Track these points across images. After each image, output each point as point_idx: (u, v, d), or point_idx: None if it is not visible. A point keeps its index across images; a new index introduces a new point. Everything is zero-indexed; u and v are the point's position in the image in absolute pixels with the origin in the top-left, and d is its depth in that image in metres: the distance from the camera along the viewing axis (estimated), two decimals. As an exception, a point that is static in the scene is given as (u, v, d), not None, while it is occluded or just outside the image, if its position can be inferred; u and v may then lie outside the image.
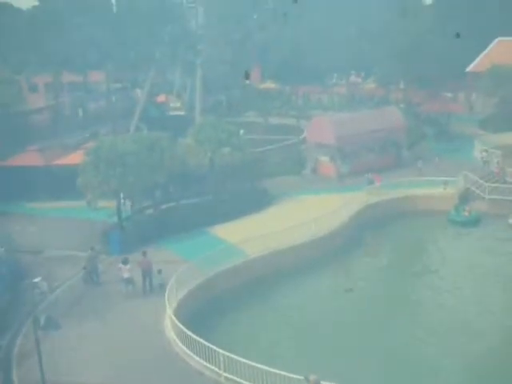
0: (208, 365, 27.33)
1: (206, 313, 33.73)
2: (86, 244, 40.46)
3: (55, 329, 28.01)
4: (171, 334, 30.33)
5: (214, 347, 26.89)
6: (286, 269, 39.31)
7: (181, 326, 28.95)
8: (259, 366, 25.44)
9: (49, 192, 52.69)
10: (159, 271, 36.08)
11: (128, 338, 30.74)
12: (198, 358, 27.84)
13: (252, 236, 40.07)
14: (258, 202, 49.69)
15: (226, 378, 26.65)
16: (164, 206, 48.08)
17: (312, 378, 24.33)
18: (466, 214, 48.13)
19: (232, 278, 37.65)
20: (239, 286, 37.31)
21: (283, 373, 24.90)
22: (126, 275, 35.46)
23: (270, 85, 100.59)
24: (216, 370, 27.02)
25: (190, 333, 28.12)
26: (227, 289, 36.65)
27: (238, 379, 26.26)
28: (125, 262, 35.67)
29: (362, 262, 42.92)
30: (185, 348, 28.70)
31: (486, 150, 57.47)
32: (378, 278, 40.67)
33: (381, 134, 58.90)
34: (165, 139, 46.04)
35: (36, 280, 26.40)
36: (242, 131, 55.02)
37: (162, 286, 34.38)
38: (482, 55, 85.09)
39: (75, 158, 50.14)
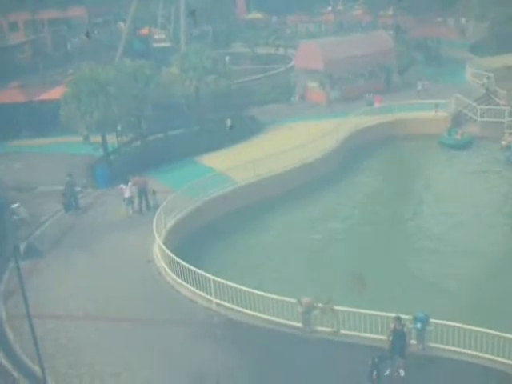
0: (199, 292, 26.78)
1: (195, 242, 33.12)
2: (76, 177, 39.91)
3: (36, 256, 27.40)
4: (161, 263, 29.71)
5: (204, 273, 26.32)
6: (275, 195, 38.66)
7: (170, 254, 28.32)
8: (251, 290, 24.93)
9: (33, 129, 51.63)
10: (153, 192, 36.53)
11: (117, 269, 30.12)
12: (188, 286, 27.29)
13: (241, 163, 39.28)
14: (247, 130, 48.68)
15: (218, 304, 26.14)
16: (151, 138, 46.90)
17: (305, 300, 23.92)
18: (458, 136, 47.39)
19: (221, 205, 36.95)
20: (229, 213, 36.53)
21: (276, 296, 24.43)
22: (126, 194, 36.32)
23: (256, 15, 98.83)
24: (207, 296, 26.49)
25: (178, 259, 27.50)
26: (217, 217, 35.95)
27: (230, 305, 25.78)
28: (126, 182, 36.47)
29: (351, 186, 42.17)
30: (175, 276, 28.13)
31: (488, 77, 55.62)
32: (368, 201, 40.01)
33: (370, 59, 57.61)
34: (148, 67, 44.84)
35: (14, 206, 25.65)
36: (227, 58, 53.76)
37: (157, 207, 34.36)
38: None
39: (58, 92, 48.61)
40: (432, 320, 22.41)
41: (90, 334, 25.22)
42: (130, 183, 36.40)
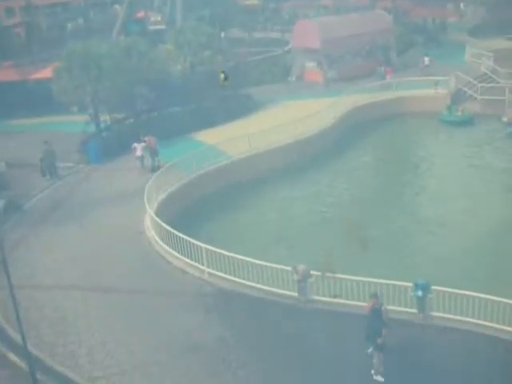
0: (190, 261, 25.94)
1: (187, 215, 32.26)
2: (66, 155, 40.17)
3: (17, 210, 26.85)
4: (152, 234, 28.87)
5: (196, 241, 25.46)
6: (270, 169, 37.85)
7: (160, 222, 27.49)
8: (244, 258, 24.06)
9: (28, 108, 50.72)
10: (157, 153, 37.80)
11: (106, 240, 29.34)
12: (179, 256, 26.45)
13: (236, 138, 38.53)
14: (243, 108, 47.71)
15: (210, 273, 25.28)
16: (145, 116, 45.98)
17: (301, 267, 23.03)
18: (459, 113, 46.61)
19: (215, 180, 36.09)
20: (223, 188, 35.72)
21: (270, 264, 23.57)
22: (138, 153, 37.85)
23: (253, 1, 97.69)
24: (199, 266, 25.63)
25: (169, 228, 26.66)
26: (210, 191, 35.10)
27: (222, 274, 24.91)
28: (139, 142, 37.89)
29: (349, 162, 41.16)
30: (166, 246, 27.28)
31: (488, 57, 54.46)
32: (366, 176, 39.30)
33: (369, 38, 56.39)
34: (142, 43, 43.86)
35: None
36: (222, 34, 52.73)
37: (160, 168, 35.53)
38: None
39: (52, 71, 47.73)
40: (434, 287, 21.50)
41: (78, 303, 24.37)
42: (142, 143, 37.66)
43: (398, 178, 39.61)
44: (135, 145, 37.86)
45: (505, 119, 44.70)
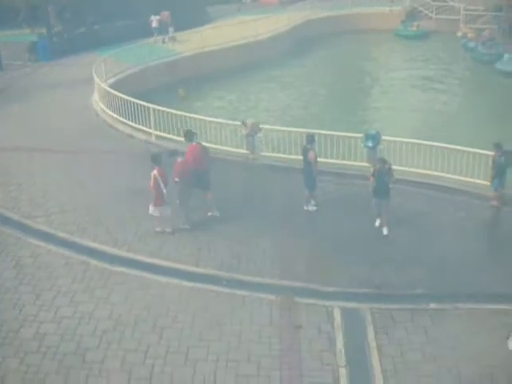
0: (137, 125, 25.43)
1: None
2: (15, 55, 40.35)
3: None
4: (99, 106, 28.28)
5: (143, 103, 24.88)
6: (222, 67, 37.40)
7: (109, 89, 26.86)
8: (193, 115, 23.62)
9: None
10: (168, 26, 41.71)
11: (52, 114, 28.92)
12: (126, 121, 25.92)
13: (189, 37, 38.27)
14: (198, 19, 46.96)
15: (158, 136, 24.79)
16: (97, 27, 45.03)
17: (249, 121, 22.68)
18: (414, 28, 46.69)
19: (164, 73, 35.45)
20: (170, 81, 34.63)
21: (219, 120, 23.17)
22: (154, 24, 41.68)
23: None
24: (146, 129, 25.12)
25: (117, 93, 26.04)
26: (158, 84, 33.95)
27: (170, 135, 24.41)
28: (155, 14, 41.74)
29: (295, 68, 40.78)
30: (113, 113, 26.69)
31: None
32: (317, 81, 39.12)
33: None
34: None
35: None
36: None
37: (173, 38, 40.46)
38: None
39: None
40: (384, 137, 21.16)
41: (21, 161, 23.76)
42: (157, 16, 41.60)
43: (341, 80, 39.51)
44: (152, 17, 41.43)
45: (459, 33, 45.14)
